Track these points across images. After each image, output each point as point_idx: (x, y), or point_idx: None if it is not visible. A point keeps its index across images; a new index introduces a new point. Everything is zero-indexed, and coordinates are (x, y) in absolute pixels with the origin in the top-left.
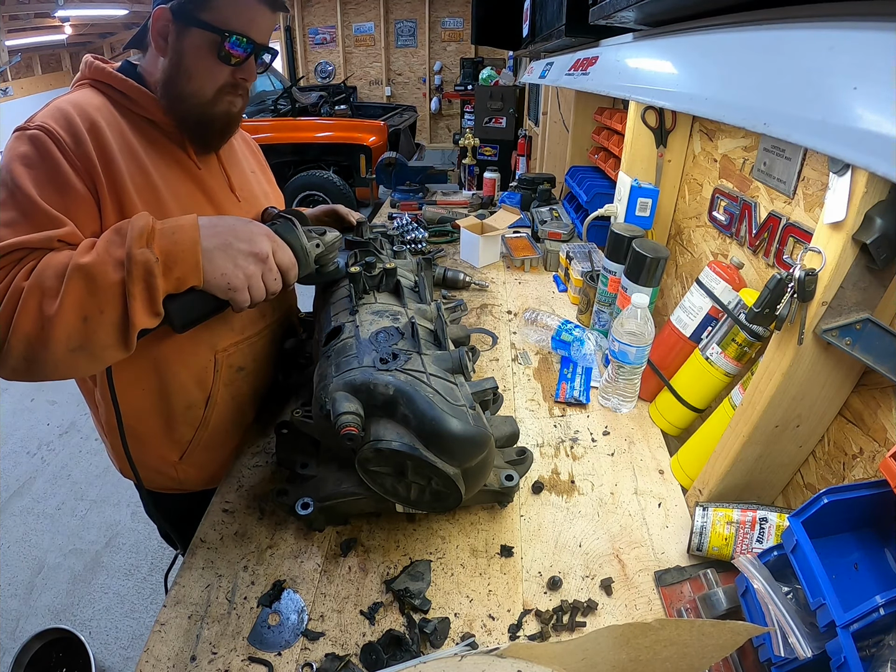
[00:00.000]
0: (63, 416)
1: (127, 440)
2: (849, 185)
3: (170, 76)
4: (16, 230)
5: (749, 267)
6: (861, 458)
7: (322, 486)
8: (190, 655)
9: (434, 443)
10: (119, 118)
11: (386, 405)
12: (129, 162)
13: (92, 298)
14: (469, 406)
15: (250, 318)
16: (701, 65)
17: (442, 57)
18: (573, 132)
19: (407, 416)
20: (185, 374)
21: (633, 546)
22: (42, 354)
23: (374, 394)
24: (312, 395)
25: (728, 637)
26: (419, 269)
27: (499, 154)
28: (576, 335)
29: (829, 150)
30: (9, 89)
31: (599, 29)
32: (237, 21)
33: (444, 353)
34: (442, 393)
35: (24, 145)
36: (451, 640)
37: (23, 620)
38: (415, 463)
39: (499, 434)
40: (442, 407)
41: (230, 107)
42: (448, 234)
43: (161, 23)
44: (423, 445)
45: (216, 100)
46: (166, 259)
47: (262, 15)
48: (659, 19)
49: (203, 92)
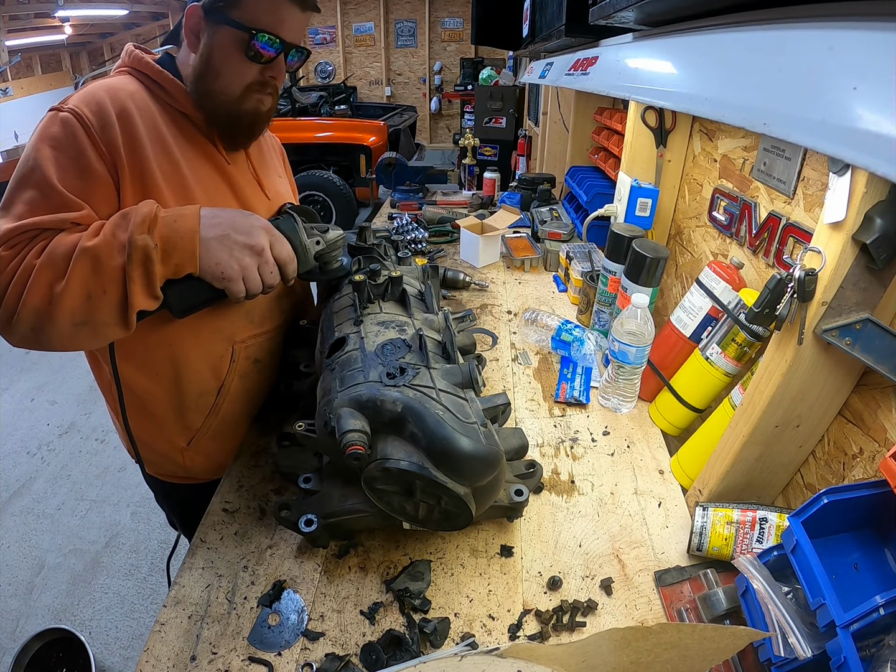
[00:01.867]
0: (63, 416)
1: (138, 422)
2: (849, 185)
3: (200, 73)
4: (33, 209)
5: (749, 267)
6: (861, 458)
7: (326, 502)
8: (190, 655)
9: (444, 462)
10: (153, 106)
11: (393, 422)
12: (158, 149)
13: (96, 279)
14: (480, 423)
15: (270, 311)
16: (701, 65)
17: (442, 57)
18: (573, 132)
19: (416, 434)
20: (201, 361)
21: (633, 546)
22: (48, 327)
23: (381, 410)
24: (315, 408)
25: (729, 641)
26: (425, 277)
27: (499, 154)
28: (576, 335)
29: (829, 150)
30: (9, 89)
31: (599, 29)
32: (267, 20)
33: (454, 367)
34: (452, 410)
35: (54, 126)
36: (451, 640)
37: (23, 620)
38: (424, 482)
39: (507, 447)
40: (452, 425)
41: (258, 105)
42: (448, 234)
43: (193, 20)
44: (432, 465)
45: (244, 98)
46: (165, 245)
47: (291, 14)
48: (659, 19)
49: (231, 89)
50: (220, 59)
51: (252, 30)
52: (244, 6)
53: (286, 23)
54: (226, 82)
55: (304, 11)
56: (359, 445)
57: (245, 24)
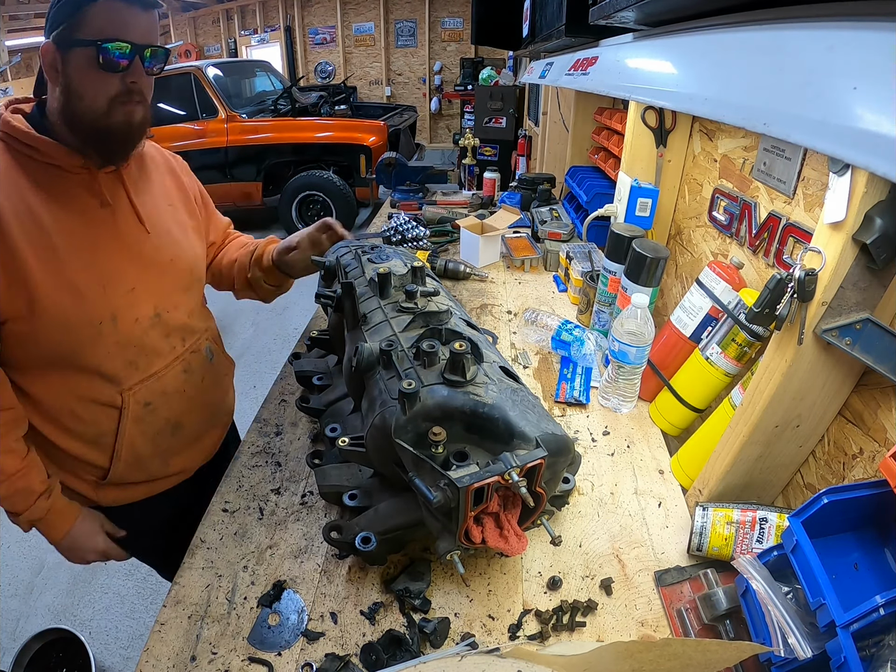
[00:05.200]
0: None
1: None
2: (849, 185)
3: (64, 101)
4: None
5: (749, 267)
6: (861, 458)
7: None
8: (190, 655)
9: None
10: (20, 177)
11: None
12: (26, 222)
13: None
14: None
15: (156, 353)
16: (701, 65)
17: (442, 57)
18: (573, 132)
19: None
20: (86, 410)
21: (633, 546)
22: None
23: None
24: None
25: (733, 653)
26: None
27: (499, 154)
28: (576, 335)
29: (829, 150)
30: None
31: (599, 29)
32: (111, 28)
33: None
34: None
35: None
36: (451, 640)
37: (23, 620)
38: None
39: None
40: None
41: (128, 117)
42: (448, 234)
43: (48, 56)
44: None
45: (111, 111)
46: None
47: (134, 16)
48: (659, 19)
49: (96, 105)
50: (78, 80)
51: (97, 41)
52: (87, 23)
53: (131, 25)
54: (89, 100)
55: (147, 10)
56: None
57: (90, 38)
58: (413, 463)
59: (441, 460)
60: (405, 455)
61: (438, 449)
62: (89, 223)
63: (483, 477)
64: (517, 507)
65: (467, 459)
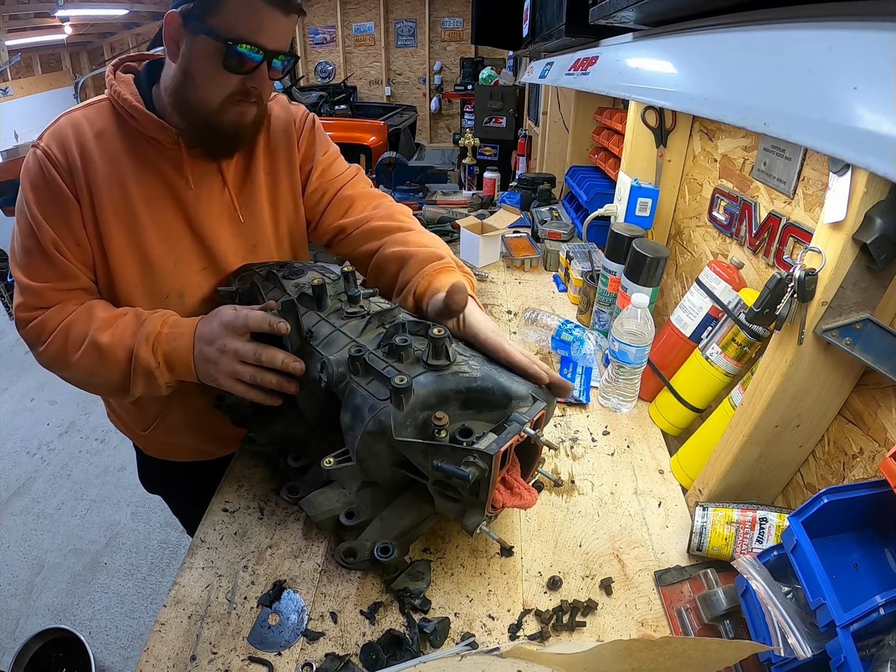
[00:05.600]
0: (63, 416)
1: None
2: (849, 185)
3: (179, 83)
4: (31, 268)
5: (749, 267)
6: (861, 458)
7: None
8: (190, 655)
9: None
10: (119, 141)
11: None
12: (114, 189)
13: (102, 367)
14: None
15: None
16: (701, 65)
17: (442, 57)
18: (573, 132)
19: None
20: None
21: (633, 546)
22: (62, 374)
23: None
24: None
25: (732, 652)
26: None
27: (499, 154)
28: (576, 335)
29: (829, 150)
30: (9, 89)
31: (599, 29)
32: (245, 27)
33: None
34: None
35: (32, 164)
36: (451, 640)
37: (23, 620)
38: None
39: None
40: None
41: (240, 117)
42: (448, 234)
43: (171, 27)
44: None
45: (224, 109)
46: (167, 361)
47: (273, 19)
48: (659, 19)
49: (210, 100)
50: (197, 69)
51: (229, 40)
52: (222, 13)
53: (268, 29)
54: (204, 94)
55: (288, 15)
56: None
57: (222, 33)
58: (424, 454)
59: (448, 442)
60: (413, 450)
61: (442, 434)
62: (174, 200)
63: (507, 439)
64: (515, 466)
65: (472, 434)
